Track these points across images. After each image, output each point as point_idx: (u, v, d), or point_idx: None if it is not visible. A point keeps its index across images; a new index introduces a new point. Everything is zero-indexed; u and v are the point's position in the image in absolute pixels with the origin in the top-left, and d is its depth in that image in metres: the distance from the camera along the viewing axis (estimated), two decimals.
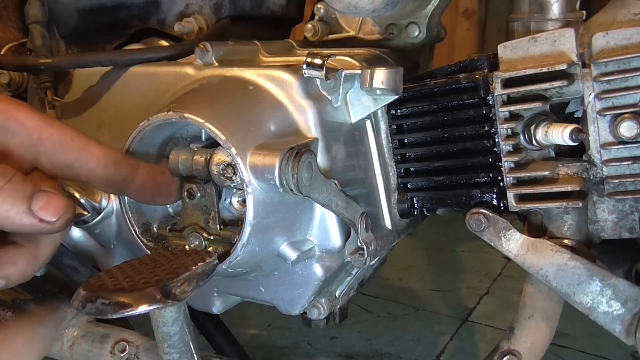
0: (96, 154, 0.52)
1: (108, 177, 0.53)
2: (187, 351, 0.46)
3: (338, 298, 0.72)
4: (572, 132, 0.62)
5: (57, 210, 0.46)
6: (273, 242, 0.59)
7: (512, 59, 0.66)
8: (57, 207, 0.47)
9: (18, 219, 0.45)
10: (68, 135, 0.51)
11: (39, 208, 0.46)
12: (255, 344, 1.59)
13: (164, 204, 0.60)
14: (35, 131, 0.50)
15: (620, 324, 0.63)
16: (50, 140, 0.50)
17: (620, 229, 0.68)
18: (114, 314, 0.38)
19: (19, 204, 0.45)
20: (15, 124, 0.49)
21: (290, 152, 0.53)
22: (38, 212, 0.46)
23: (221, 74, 0.65)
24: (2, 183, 0.45)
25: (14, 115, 0.49)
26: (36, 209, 0.46)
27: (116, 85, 0.72)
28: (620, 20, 0.65)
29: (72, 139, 0.51)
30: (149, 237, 0.61)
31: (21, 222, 0.45)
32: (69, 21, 0.94)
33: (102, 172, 0.53)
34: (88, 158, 0.52)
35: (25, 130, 0.49)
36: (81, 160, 0.52)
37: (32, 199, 0.46)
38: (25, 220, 0.45)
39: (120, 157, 0.54)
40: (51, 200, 0.47)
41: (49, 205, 0.46)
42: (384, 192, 0.72)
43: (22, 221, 0.45)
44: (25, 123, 0.49)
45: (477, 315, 1.74)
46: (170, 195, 0.59)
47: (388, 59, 0.82)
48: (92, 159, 0.52)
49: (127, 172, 0.54)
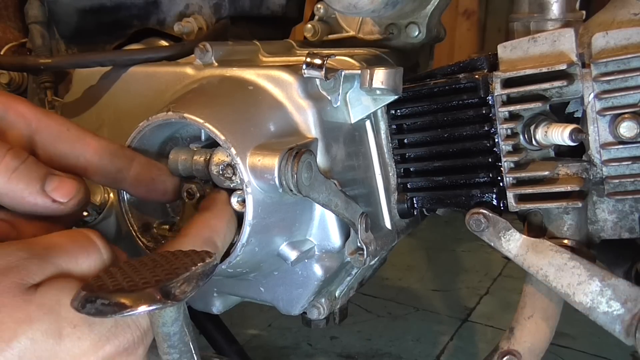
0: (92, 144, 0.53)
1: (104, 167, 0.54)
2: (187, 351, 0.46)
3: (338, 298, 0.72)
4: (572, 132, 0.62)
5: (70, 192, 0.48)
6: (273, 242, 0.59)
7: (512, 59, 0.66)
8: (70, 189, 0.48)
9: (32, 199, 0.47)
10: (65, 126, 0.52)
11: (52, 189, 0.48)
12: (255, 344, 1.59)
13: (160, 200, 0.60)
14: (33, 122, 0.51)
15: (620, 324, 0.63)
16: (47, 130, 0.51)
17: (620, 229, 0.68)
18: (113, 314, 0.38)
19: (33, 184, 0.47)
20: (14, 114, 0.50)
21: (290, 152, 0.53)
22: (51, 192, 0.47)
23: (221, 74, 0.65)
24: (17, 163, 0.46)
25: (12, 106, 0.50)
26: (49, 189, 0.47)
27: (116, 85, 0.72)
28: (620, 20, 0.65)
29: (68, 129, 0.52)
30: (148, 237, 0.61)
31: (35, 201, 0.47)
32: (69, 21, 0.94)
33: (98, 162, 0.53)
34: (84, 148, 0.53)
35: (23, 120, 0.50)
36: (77, 151, 0.52)
37: (45, 180, 0.47)
38: (39, 200, 0.47)
39: (116, 148, 0.55)
40: (63, 182, 0.48)
41: (62, 187, 0.48)
42: (384, 192, 0.72)
43: (35, 201, 0.47)
44: (23, 114, 0.51)
45: (477, 315, 1.74)
46: (165, 191, 0.58)
47: (388, 59, 0.82)
48: (88, 149, 0.53)
49: (122, 163, 0.55)
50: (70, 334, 0.41)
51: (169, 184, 0.58)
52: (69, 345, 0.41)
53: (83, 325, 0.41)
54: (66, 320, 0.41)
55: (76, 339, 0.41)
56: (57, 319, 0.41)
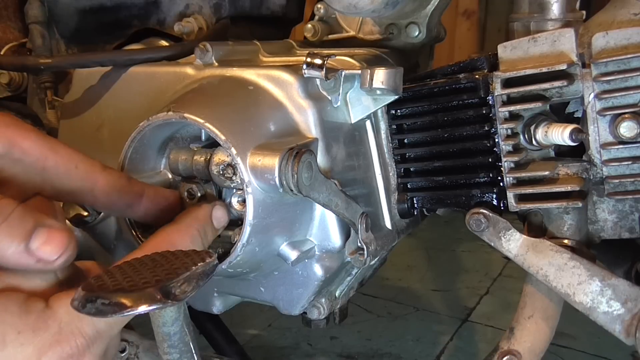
0: (100, 181, 0.51)
1: (112, 204, 0.53)
2: (187, 351, 0.46)
3: (338, 298, 0.72)
4: (572, 132, 0.62)
5: (57, 248, 0.44)
6: (273, 242, 0.59)
7: (512, 59, 0.66)
8: (58, 245, 0.44)
9: (14, 259, 0.43)
10: (73, 163, 0.50)
11: (38, 246, 0.44)
12: (255, 344, 1.59)
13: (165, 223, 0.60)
14: (40, 159, 0.48)
15: (620, 324, 0.63)
16: (54, 169, 0.49)
17: (620, 229, 0.68)
18: (113, 314, 0.38)
19: (17, 242, 0.43)
20: (19, 152, 0.48)
21: (290, 152, 0.53)
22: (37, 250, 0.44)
23: (221, 74, 0.65)
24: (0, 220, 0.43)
25: (17, 142, 0.48)
26: (35, 247, 0.43)
27: (116, 85, 0.72)
28: (620, 20, 0.65)
29: (76, 166, 0.50)
30: (148, 237, 0.61)
31: (18, 261, 0.43)
32: (69, 21, 0.94)
33: (106, 200, 0.52)
34: (92, 185, 0.51)
35: (29, 158, 0.48)
36: (85, 188, 0.51)
37: (30, 236, 0.43)
38: (22, 260, 0.43)
39: (124, 185, 0.53)
40: (52, 237, 0.44)
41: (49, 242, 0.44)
42: (384, 192, 0.72)
43: (19, 261, 0.43)
44: (28, 151, 0.48)
45: (477, 315, 1.74)
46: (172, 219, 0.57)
47: (388, 59, 0.82)
48: (96, 186, 0.51)
49: (131, 200, 0.54)
50: (14, 340, 0.41)
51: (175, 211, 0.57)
52: (11, 351, 0.41)
53: (27, 331, 0.42)
54: (11, 326, 0.41)
55: (19, 345, 0.41)
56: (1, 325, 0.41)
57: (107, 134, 0.72)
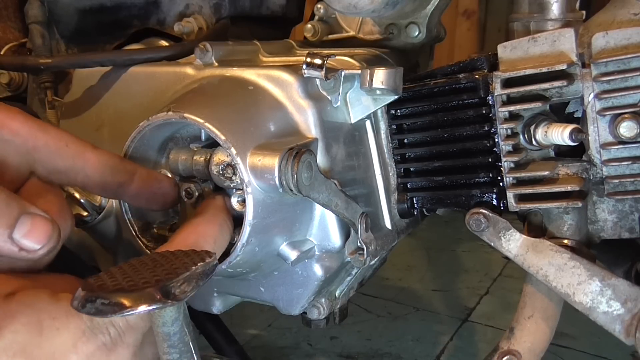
0: (92, 159, 0.52)
1: (104, 182, 0.53)
2: (187, 351, 0.46)
3: (338, 298, 0.72)
4: (572, 132, 0.62)
5: (41, 238, 0.44)
6: (273, 242, 0.59)
7: (512, 59, 0.66)
8: (41, 234, 0.44)
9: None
10: (63, 142, 0.50)
11: (22, 235, 0.44)
12: (255, 344, 1.59)
13: (159, 209, 0.60)
14: (30, 139, 0.49)
15: (620, 324, 0.63)
16: (45, 148, 0.50)
17: (620, 229, 0.68)
18: (113, 314, 0.38)
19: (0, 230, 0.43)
20: (9, 132, 0.48)
21: (290, 152, 0.53)
22: (20, 239, 0.44)
23: (221, 74, 0.65)
24: None
25: (6, 123, 0.48)
26: (19, 236, 0.44)
27: (116, 85, 0.72)
28: (620, 20, 0.65)
29: (67, 145, 0.51)
30: (148, 237, 0.61)
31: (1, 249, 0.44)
32: (69, 21, 0.94)
33: (98, 178, 0.52)
34: (84, 164, 0.51)
35: (19, 138, 0.48)
36: (77, 167, 0.51)
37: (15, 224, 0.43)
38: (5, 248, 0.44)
39: (116, 163, 0.54)
40: (36, 226, 0.44)
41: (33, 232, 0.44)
42: (384, 192, 0.72)
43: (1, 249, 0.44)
44: (18, 131, 0.48)
45: (477, 315, 1.74)
46: (165, 203, 0.59)
47: (388, 59, 0.82)
48: (87, 164, 0.51)
49: (123, 178, 0.54)
50: (50, 326, 0.42)
51: (168, 196, 0.58)
52: (49, 336, 0.42)
53: (61, 317, 0.42)
54: (45, 312, 0.42)
55: (55, 329, 0.42)
56: (36, 312, 0.42)
57: (107, 134, 0.72)
